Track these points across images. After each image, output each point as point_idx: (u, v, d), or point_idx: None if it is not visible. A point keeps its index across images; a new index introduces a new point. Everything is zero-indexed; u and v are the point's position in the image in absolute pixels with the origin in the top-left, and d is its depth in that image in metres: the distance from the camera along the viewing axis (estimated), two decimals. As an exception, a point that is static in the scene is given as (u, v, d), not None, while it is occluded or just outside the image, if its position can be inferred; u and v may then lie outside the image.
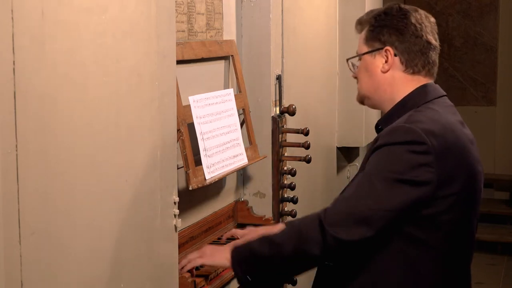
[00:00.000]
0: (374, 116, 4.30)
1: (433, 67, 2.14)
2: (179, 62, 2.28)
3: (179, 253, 2.27)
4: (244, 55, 2.95)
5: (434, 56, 2.13)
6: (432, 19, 2.16)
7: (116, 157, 1.70)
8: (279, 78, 3.01)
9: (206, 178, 2.30)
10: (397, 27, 2.08)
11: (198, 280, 2.13)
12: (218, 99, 2.49)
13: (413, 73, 2.10)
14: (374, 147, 1.97)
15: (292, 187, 3.04)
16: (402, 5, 2.15)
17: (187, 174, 2.21)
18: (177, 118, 2.16)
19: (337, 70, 4.17)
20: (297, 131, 3.00)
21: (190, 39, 2.43)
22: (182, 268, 2.15)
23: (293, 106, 3.01)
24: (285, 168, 3.03)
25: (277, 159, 2.98)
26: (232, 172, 2.54)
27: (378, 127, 2.15)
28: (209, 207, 2.67)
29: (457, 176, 1.94)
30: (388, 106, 2.13)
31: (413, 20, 2.09)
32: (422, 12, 2.15)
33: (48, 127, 1.44)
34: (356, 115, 4.22)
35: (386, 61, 2.10)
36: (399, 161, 1.89)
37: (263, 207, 2.99)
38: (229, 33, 2.83)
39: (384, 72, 2.11)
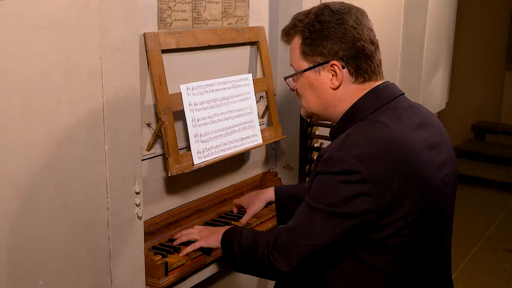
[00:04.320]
0: (431, 98, 3.51)
1: (380, 66, 1.50)
2: (176, 50, 1.84)
3: (184, 224, 1.94)
4: (279, 40, 2.35)
5: (379, 54, 1.49)
6: (365, 12, 1.50)
7: (37, 155, 1.26)
8: (312, 62, 2.39)
9: (195, 163, 1.81)
10: (337, 36, 1.43)
11: (170, 261, 1.66)
12: (225, 85, 1.97)
13: (364, 81, 1.47)
14: (316, 172, 1.41)
15: (319, 163, 2.46)
16: (331, 6, 1.47)
17: (166, 161, 1.72)
18: (159, 107, 1.69)
19: (400, 51, 3.40)
20: (325, 112, 2.39)
21: (195, 28, 1.90)
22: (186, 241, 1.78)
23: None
24: (314, 145, 2.45)
25: (304, 137, 2.41)
26: (237, 153, 2.03)
27: (333, 136, 1.54)
28: (225, 181, 2.19)
29: (404, 198, 1.32)
30: (338, 118, 1.52)
31: (351, 23, 1.44)
32: (353, 9, 1.48)
33: None
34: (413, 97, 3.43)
35: (334, 76, 1.47)
36: (334, 192, 1.33)
37: (290, 179, 2.48)
38: (259, 20, 2.26)
39: (334, 89, 1.48)
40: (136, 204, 1.53)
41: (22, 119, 1.22)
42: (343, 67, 1.45)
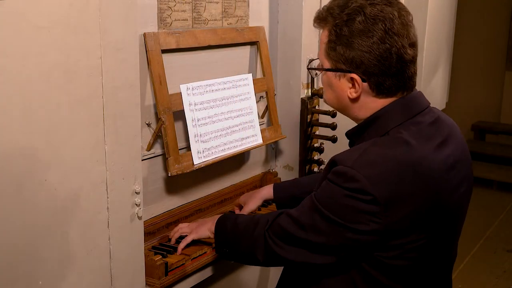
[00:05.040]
0: (431, 98, 3.50)
1: (411, 81, 1.38)
2: (176, 50, 1.84)
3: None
4: (279, 40, 2.38)
5: (412, 68, 1.36)
6: (409, 17, 1.35)
7: (37, 155, 1.26)
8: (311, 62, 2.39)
9: (195, 163, 1.81)
10: (362, 50, 1.31)
11: (170, 261, 1.66)
12: (225, 85, 1.97)
13: (387, 96, 1.38)
14: (327, 176, 1.35)
15: (319, 163, 2.46)
16: (366, 11, 1.31)
17: (166, 161, 1.73)
18: (159, 107, 1.69)
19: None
20: (325, 113, 2.39)
21: (195, 28, 1.90)
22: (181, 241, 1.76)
23: (322, 89, 2.39)
24: (314, 145, 2.45)
25: (304, 137, 2.41)
26: (237, 153, 2.02)
27: (351, 138, 1.49)
28: (225, 181, 2.19)
29: (416, 222, 1.28)
30: (359, 121, 1.45)
31: (382, 36, 1.30)
32: (394, 13, 1.32)
33: None
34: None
35: (353, 87, 1.38)
36: (342, 205, 1.29)
37: (290, 179, 2.45)
38: (259, 20, 2.26)
39: (352, 99, 1.40)
40: (136, 204, 1.53)
41: (22, 119, 1.22)
42: (364, 81, 1.35)
